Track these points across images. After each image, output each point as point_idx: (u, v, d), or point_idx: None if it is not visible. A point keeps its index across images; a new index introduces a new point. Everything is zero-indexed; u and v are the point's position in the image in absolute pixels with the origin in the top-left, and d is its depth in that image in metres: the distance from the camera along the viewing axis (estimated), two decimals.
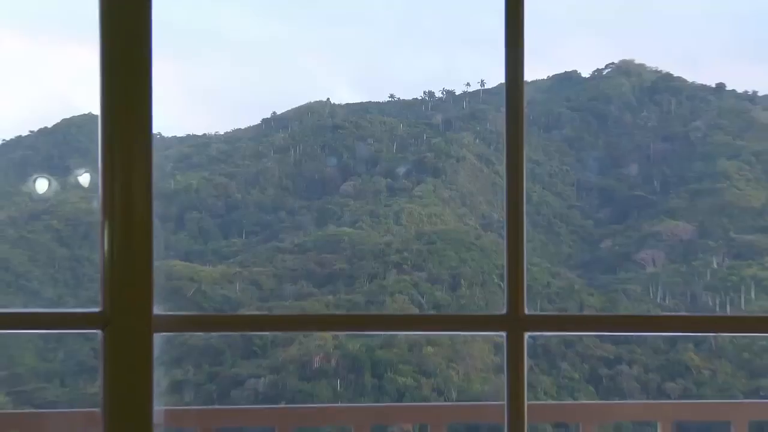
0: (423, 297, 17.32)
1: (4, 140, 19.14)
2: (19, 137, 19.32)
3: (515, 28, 4.63)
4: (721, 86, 21.98)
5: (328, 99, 21.31)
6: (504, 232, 4.62)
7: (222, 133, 20.86)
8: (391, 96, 21.42)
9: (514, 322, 4.61)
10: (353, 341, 16.36)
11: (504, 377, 4.67)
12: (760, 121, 20.38)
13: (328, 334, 15.77)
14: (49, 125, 19.30)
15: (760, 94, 21.48)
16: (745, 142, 19.98)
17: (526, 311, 4.63)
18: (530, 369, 4.42)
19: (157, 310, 4.46)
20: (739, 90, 21.19)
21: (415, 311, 17.07)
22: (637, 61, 21.91)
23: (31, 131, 19.67)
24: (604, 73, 21.86)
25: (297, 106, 20.87)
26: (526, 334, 4.64)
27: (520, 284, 4.60)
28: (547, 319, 4.59)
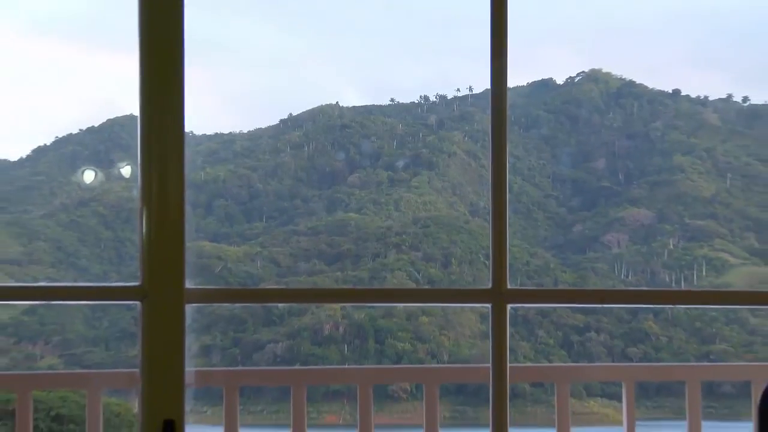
0: (419, 273, 17.33)
1: (57, 137, 19.39)
2: (70, 135, 19.49)
3: (499, 42, 4.62)
4: (676, 92, 22.05)
5: (337, 102, 21.52)
6: (489, 218, 4.62)
7: (245, 131, 21.07)
8: (392, 100, 21.61)
9: (498, 296, 4.61)
10: (358, 311, 16.39)
11: (489, 343, 4.67)
12: (710, 122, 20.46)
13: (336, 306, 15.79)
14: (96, 124, 19.49)
15: (710, 98, 21.61)
16: (697, 140, 20.05)
17: (509, 286, 4.63)
18: (511, 336, 4.41)
19: (189, 284, 4.46)
20: (692, 95, 21.37)
21: (412, 286, 17.09)
22: (604, 70, 22.07)
23: (80, 129, 19.89)
24: (576, 81, 21.96)
25: (310, 108, 21.01)
26: (509, 306, 4.63)
27: (503, 262, 4.60)
28: (526, 292, 4.60)
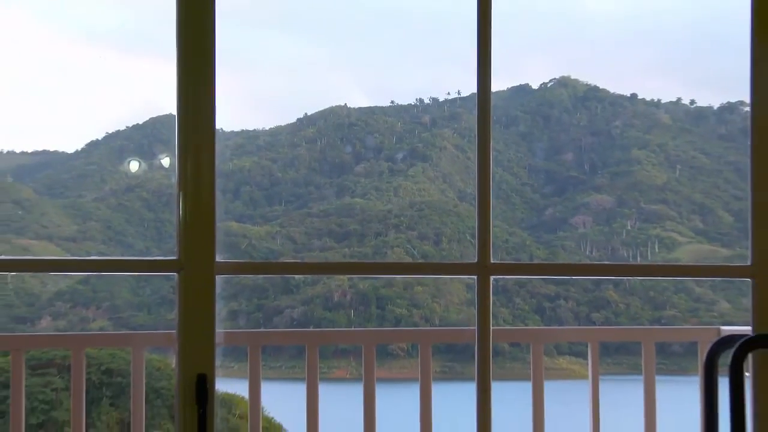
0: (415, 250, 17.30)
1: (107, 132, 19.36)
2: (118, 131, 19.39)
3: (484, 52, 4.59)
4: (634, 95, 21.94)
5: (345, 104, 21.37)
6: (475, 202, 4.59)
7: (267, 128, 20.89)
8: (392, 102, 21.45)
9: (482, 269, 4.59)
10: (363, 282, 16.38)
11: (475, 309, 4.65)
12: (662, 121, 20.42)
13: (344, 277, 15.79)
14: (140, 122, 19.41)
15: (662, 101, 21.49)
16: (651, 137, 20.00)
17: (492, 260, 4.61)
18: (493, 303, 4.39)
19: (219, 258, 4.45)
20: (647, 98, 21.21)
21: (409, 260, 17.09)
22: (572, 77, 21.99)
23: (126, 126, 19.80)
24: (548, 86, 21.81)
25: (322, 108, 20.88)
26: (492, 277, 4.61)
27: (487, 240, 4.57)
28: (507, 266, 4.58)
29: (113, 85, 20.61)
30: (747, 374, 4.62)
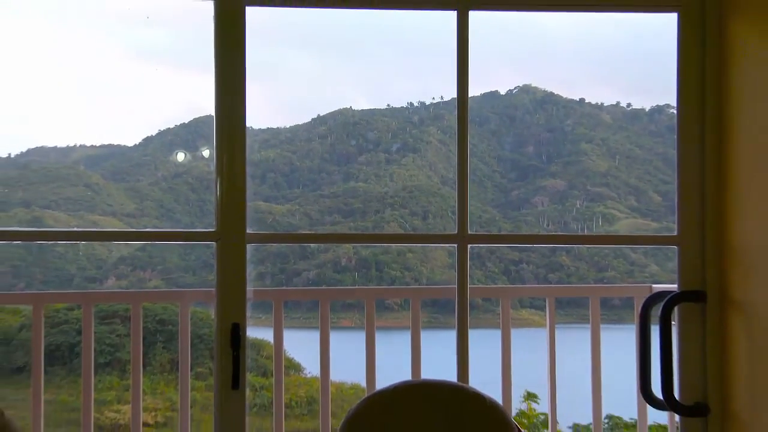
0: (406, 224, 17.26)
1: (159, 130, 19.34)
2: (168, 128, 19.37)
3: (462, 66, 4.57)
4: (582, 100, 21.94)
5: (350, 106, 21.29)
6: (455, 186, 4.57)
7: (287, 126, 20.80)
8: (388, 105, 21.37)
9: (462, 239, 4.56)
10: (364, 250, 16.37)
11: (455, 271, 4.63)
12: (605, 120, 20.53)
13: (349, 245, 15.81)
14: (186, 121, 19.34)
15: (604, 104, 21.58)
16: (595, 133, 20.08)
17: (469, 232, 4.58)
18: (469, 266, 4.37)
19: (249, 230, 4.43)
20: (593, 102, 21.21)
21: (401, 232, 17.05)
22: (533, 85, 21.91)
23: (175, 125, 19.73)
24: (513, 92, 21.74)
25: (332, 110, 20.80)
26: (469, 246, 4.59)
27: (465, 216, 4.55)
28: (481, 236, 4.59)
29: (165, 92, 20.62)
30: (673, 323, 4.61)
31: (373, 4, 4.73)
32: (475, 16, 4.56)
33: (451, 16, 4.56)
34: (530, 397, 7.64)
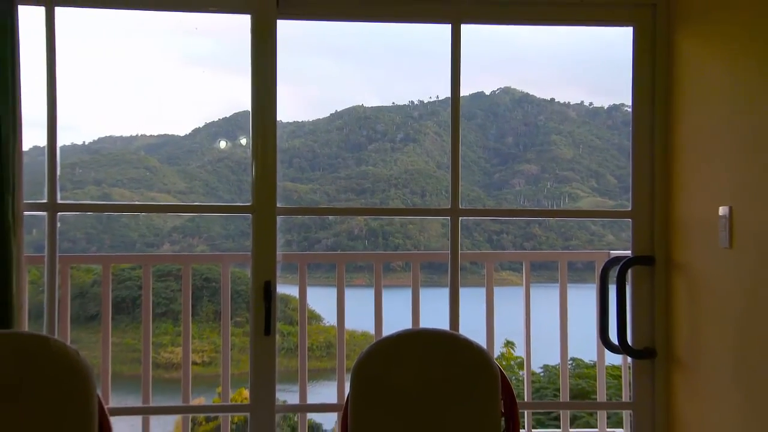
0: (408, 200, 17.30)
1: (206, 122, 19.44)
2: (213, 121, 19.41)
3: (455, 69, 4.54)
4: (552, 99, 21.89)
5: (362, 104, 21.23)
6: (449, 170, 4.54)
7: (310, 120, 20.77)
8: (393, 102, 21.31)
9: (454, 212, 4.54)
10: (373, 222, 16.38)
11: (448, 240, 4.61)
12: (571, 116, 20.51)
13: (361, 218, 15.84)
14: (227, 115, 19.37)
15: (571, 103, 21.53)
16: (563, 127, 20.03)
17: (460, 206, 4.56)
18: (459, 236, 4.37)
19: (279, 204, 4.41)
20: (561, 101, 21.13)
21: (403, 207, 17.15)
22: (512, 87, 21.83)
23: (219, 118, 19.79)
24: (496, 93, 21.65)
25: (347, 107, 20.74)
26: (460, 218, 4.56)
27: (457, 194, 4.52)
28: (470, 210, 4.59)
29: (210, 91, 20.67)
30: (627, 282, 4.61)
31: (381, 17, 4.71)
32: (465, 29, 4.54)
33: (446, 29, 4.54)
34: (509, 343, 7.66)
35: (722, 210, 3.95)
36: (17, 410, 3.81)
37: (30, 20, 4.18)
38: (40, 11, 4.25)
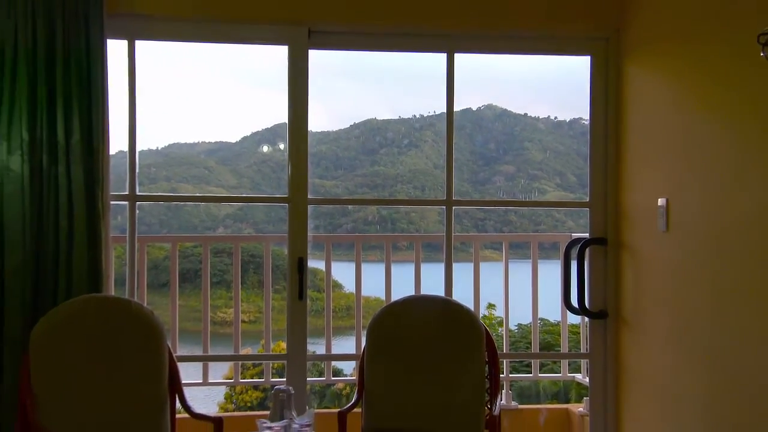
0: (411, 193, 17.28)
1: (252, 131, 19.41)
2: (258, 130, 19.35)
3: (450, 90, 4.52)
4: (525, 114, 21.85)
5: (375, 117, 21.21)
6: (444, 169, 4.53)
7: (334, 130, 20.74)
8: (399, 116, 21.30)
9: (449, 203, 4.53)
10: (383, 210, 16.38)
11: (443, 225, 4.59)
12: (540, 127, 20.51)
13: (374, 207, 15.86)
14: (269, 126, 19.32)
15: (540, 117, 21.49)
16: (534, 135, 20.03)
17: (454, 198, 4.54)
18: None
19: (309, 196, 4.41)
20: (532, 115, 21.12)
21: (408, 199, 17.13)
22: (493, 104, 21.83)
23: (262, 128, 19.72)
24: (481, 109, 21.67)
25: (363, 119, 20.74)
26: (455, 208, 4.56)
27: (451, 188, 4.51)
28: (461, 201, 4.57)
29: (256, 106, 20.67)
30: (585, 258, 4.60)
31: (390, 48, 4.70)
32: (457, 57, 4.53)
33: (442, 57, 4.53)
34: (491, 306, 7.64)
35: (660, 201, 3.95)
36: (108, 355, 3.83)
37: (115, 50, 4.19)
38: (124, 44, 4.25)
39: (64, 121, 3.97)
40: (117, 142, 4.19)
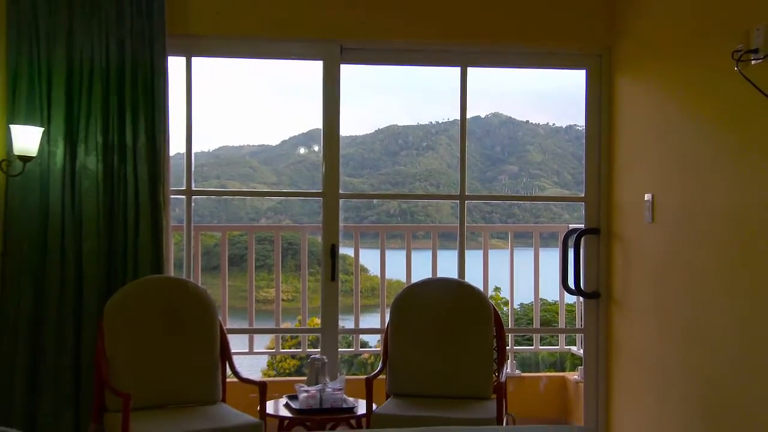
0: (428, 190, 17.30)
1: (291, 136, 19.47)
2: (295, 135, 19.45)
3: (464, 99, 4.52)
4: (527, 121, 21.80)
5: (396, 123, 21.24)
6: (458, 169, 4.54)
7: (360, 135, 20.78)
8: (417, 122, 21.32)
9: (462, 197, 4.54)
10: (404, 204, 16.38)
11: (457, 217, 4.61)
12: (540, 133, 20.46)
13: (395, 201, 15.86)
14: (305, 131, 19.41)
15: (540, 124, 21.43)
16: (534, 140, 19.92)
17: (467, 193, 4.55)
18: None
19: (340, 191, 4.42)
20: (533, 122, 21.05)
21: (425, 193, 17.14)
22: (499, 112, 21.81)
23: (299, 133, 19.81)
24: (489, 116, 21.68)
25: (386, 125, 20.76)
26: (467, 202, 4.56)
27: (464, 184, 4.52)
28: (473, 196, 4.58)
29: (293, 113, 20.73)
30: (581, 246, 4.59)
31: (411, 63, 4.71)
32: (470, 70, 4.53)
33: (456, 70, 4.53)
34: (497, 288, 7.64)
35: (647, 196, 3.95)
36: (169, 327, 3.88)
37: (174, 66, 4.23)
38: (182, 60, 4.29)
39: (131, 127, 4.03)
40: (176, 144, 4.25)
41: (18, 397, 3.87)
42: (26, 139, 3.72)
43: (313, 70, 4.43)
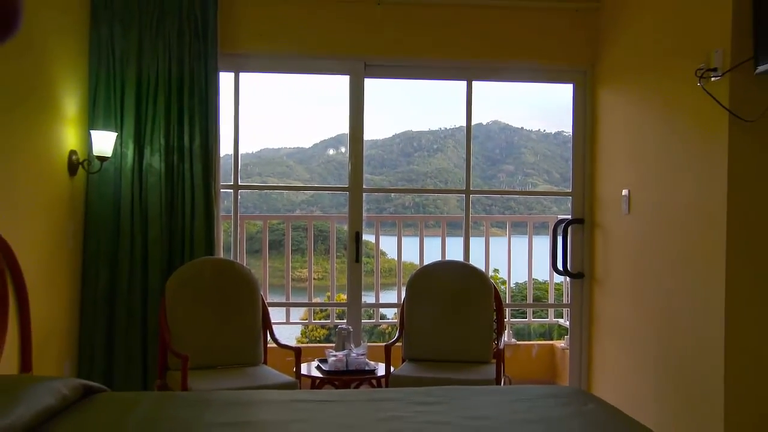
0: (438, 186, 17.26)
1: (322, 140, 19.50)
2: (326, 138, 19.54)
3: (469, 109, 4.51)
4: (522, 127, 21.65)
5: (411, 129, 21.17)
6: (464, 170, 4.54)
7: (380, 139, 20.75)
8: (429, 128, 21.30)
9: (467, 191, 4.54)
10: (417, 198, 16.37)
11: (462, 210, 4.61)
12: (533, 138, 20.33)
13: (410, 195, 15.90)
14: (334, 135, 19.46)
15: (533, 130, 21.29)
16: (528, 143, 19.77)
17: (471, 188, 4.54)
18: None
19: (364, 186, 4.43)
20: (527, 129, 20.95)
21: (435, 189, 17.05)
22: (499, 120, 21.71)
23: (329, 137, 19.86)
24: (489, 124, 21.55)
25: (402, 131, 20.75)
26: (471, 196, 4.56)
27: (469, 181, 4.51)
28: (477, 191, 4.58)
29: (324, 120, 20.77)
30: (568, 234, 4.58)
31: (423, 77, 4.70)
32: (475, 83, 4.53)
33: (463, 84, 4.52)
34: (496, 270, 7.63)
35: (624, 191, 3.94)
36: (220, 300, 3.92)
37: (225, 80, 4.26)
38: (231, 75, 4.33)
39: (189, 131, 4.07)
40: (225, 146, 4.29)
41: (98, 358, 3.95)
42: (103, 142, 3.79)
43: (341, 83, 4.46)
